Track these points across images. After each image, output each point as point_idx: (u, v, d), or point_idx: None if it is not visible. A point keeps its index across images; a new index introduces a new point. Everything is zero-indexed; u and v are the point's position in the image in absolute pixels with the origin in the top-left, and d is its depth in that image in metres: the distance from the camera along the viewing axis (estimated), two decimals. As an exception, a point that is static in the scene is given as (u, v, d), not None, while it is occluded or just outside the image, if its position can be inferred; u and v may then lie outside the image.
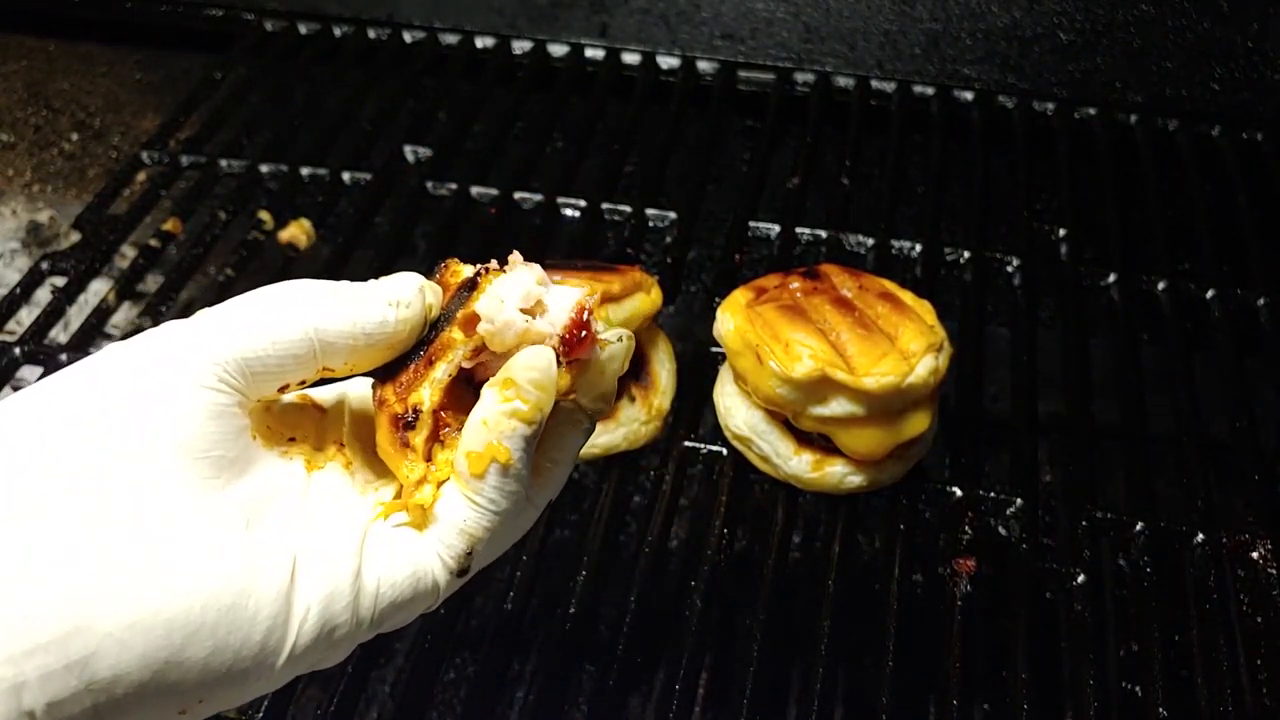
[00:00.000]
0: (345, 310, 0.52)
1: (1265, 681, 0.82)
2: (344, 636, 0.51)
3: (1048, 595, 0.89)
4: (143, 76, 1.60)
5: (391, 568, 0.52)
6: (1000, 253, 1.13)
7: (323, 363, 0.52)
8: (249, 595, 0.47)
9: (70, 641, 0.42)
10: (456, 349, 0.52)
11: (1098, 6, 1.28)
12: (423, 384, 0.52)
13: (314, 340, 0.51)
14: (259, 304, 0.52)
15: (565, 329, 0.52)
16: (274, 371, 0.51)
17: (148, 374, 0.48)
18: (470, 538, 0.53)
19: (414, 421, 0.52)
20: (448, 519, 0.53)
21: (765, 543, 0.90)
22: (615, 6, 1.38)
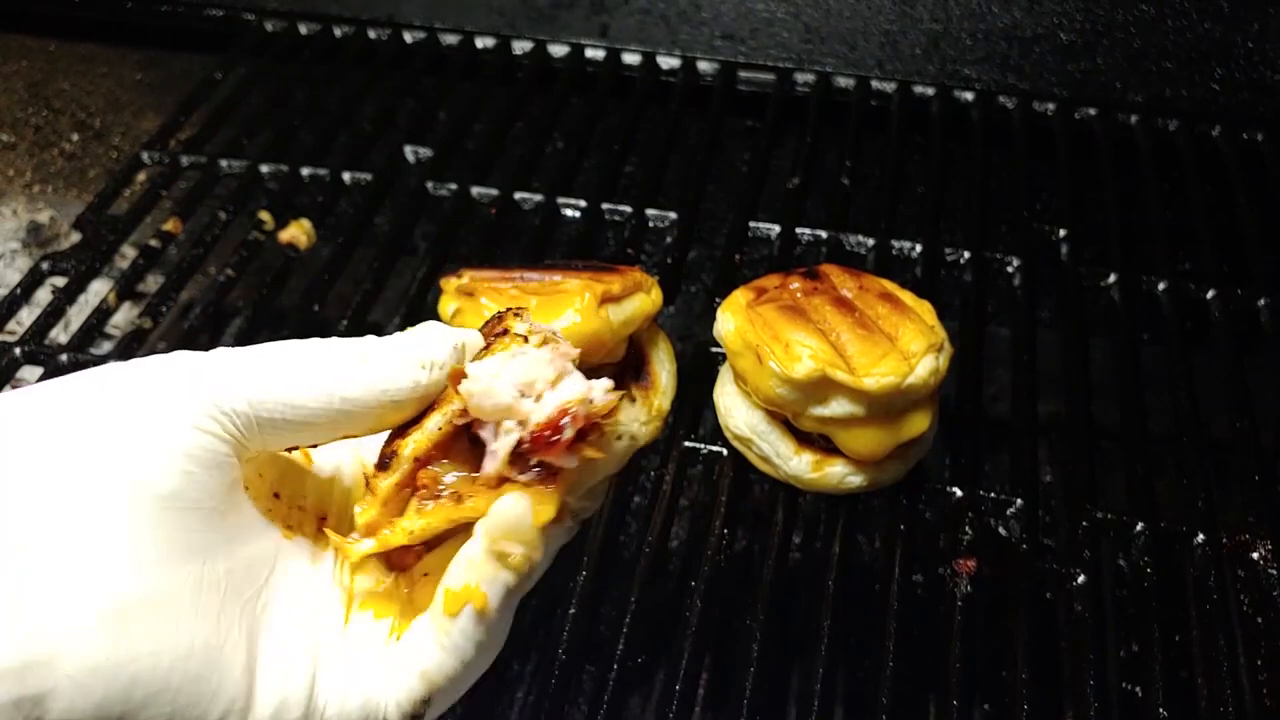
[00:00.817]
0: (373, 377, 0.49)
1: (1265, 681, 0.82)
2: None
3: (1048, 595, 0.89)
4: (143, 76, 1.60)
5: (343, 694, 0.50)
6: (1000, 253, 1.13)
7: (344, 430, 0.50)
8: (214, 669, 0.45)
9: (27, 675, 0.41)
10: (451, 403, 0.49)
11: (1098, 6, 1.28)
12: (415, 430, 0.49)
13: (336, 409, 0.48)
14: (279, 359, 0.49)
15: (536, 426, 0.48)
16: (284, 432, 0.49)
17: (143, 408, 0.46)
18: (430, 684, 0.50)
19: (387, 463, 0.49)
20: (411, 661, 0.50)
21: (765, 543, 0.90)
22: (615, 7, 1.38)
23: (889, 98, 1.33)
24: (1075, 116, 1.30)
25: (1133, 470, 0.95)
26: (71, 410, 0.46)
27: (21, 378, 1.07)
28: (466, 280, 0.92)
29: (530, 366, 0.49)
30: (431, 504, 0.49)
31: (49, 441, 0.45)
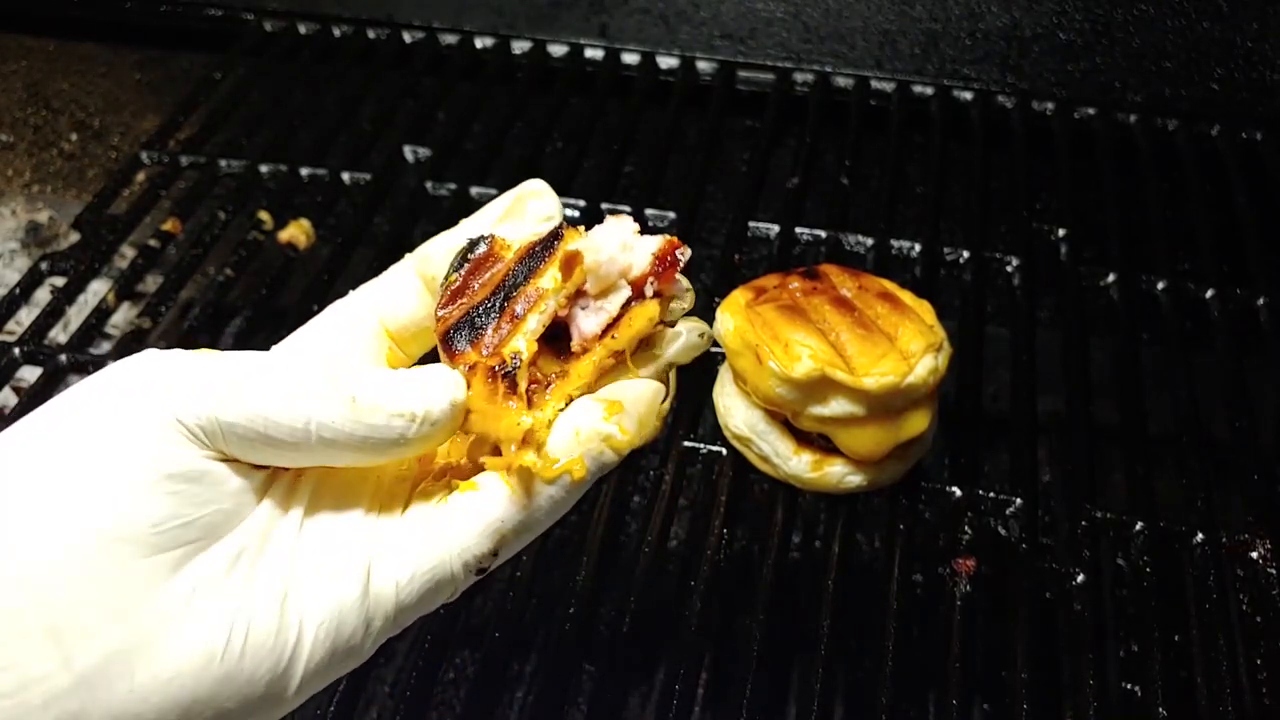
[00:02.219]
0: (356, 422, 0.47)
1: (1265, 681, 0.82)
2: (359, 645, 0.49)
3: (1048, 595, 0.89)
4: (142, 76, 1.60)
5: (409, 570, 0.49)
6: (1000, 253, 1.13)
7: (321, 461, 0.48)
8: (241, 659, 0.45)
9: None
10: (550, 296, 0.50)
11: (1098, 6, 1.28)
12: (515, 335, 0.49)
13: (313, 444, 0.46)
14: (261, 379, 0.46)
15: (659, 250, 0.51)
16: (260, 450, 0.46)
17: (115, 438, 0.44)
18: (501, 538, 0.50)
19: (515, 369, 0.48)
20: (481, 515, 0.49)
21: (765, 543, 0.90)
22: (615, 6, 1.38)
23: (888, 97, 1.33)
24: (1075, 116, 1.30)
25: (1132, 470, 0.95)
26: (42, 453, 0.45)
27: (21, 378, 1.07)
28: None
29: (615, 229, 0.51)
30: (548, 392, 0.50)
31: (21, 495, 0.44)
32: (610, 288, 0.51)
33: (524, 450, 0.48)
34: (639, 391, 0.50)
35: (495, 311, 0.50)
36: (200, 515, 0.45)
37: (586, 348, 0.51)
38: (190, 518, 0.45)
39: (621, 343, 0.51)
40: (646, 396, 0.50)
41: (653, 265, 0.51)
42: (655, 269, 0.51)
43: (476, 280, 0.52)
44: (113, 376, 0.47)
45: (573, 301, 0.51)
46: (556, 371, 0.50)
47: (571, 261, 0.50)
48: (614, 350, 0.51)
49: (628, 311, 0.52)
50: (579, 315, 0.51)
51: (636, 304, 0.52)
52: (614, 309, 0.51)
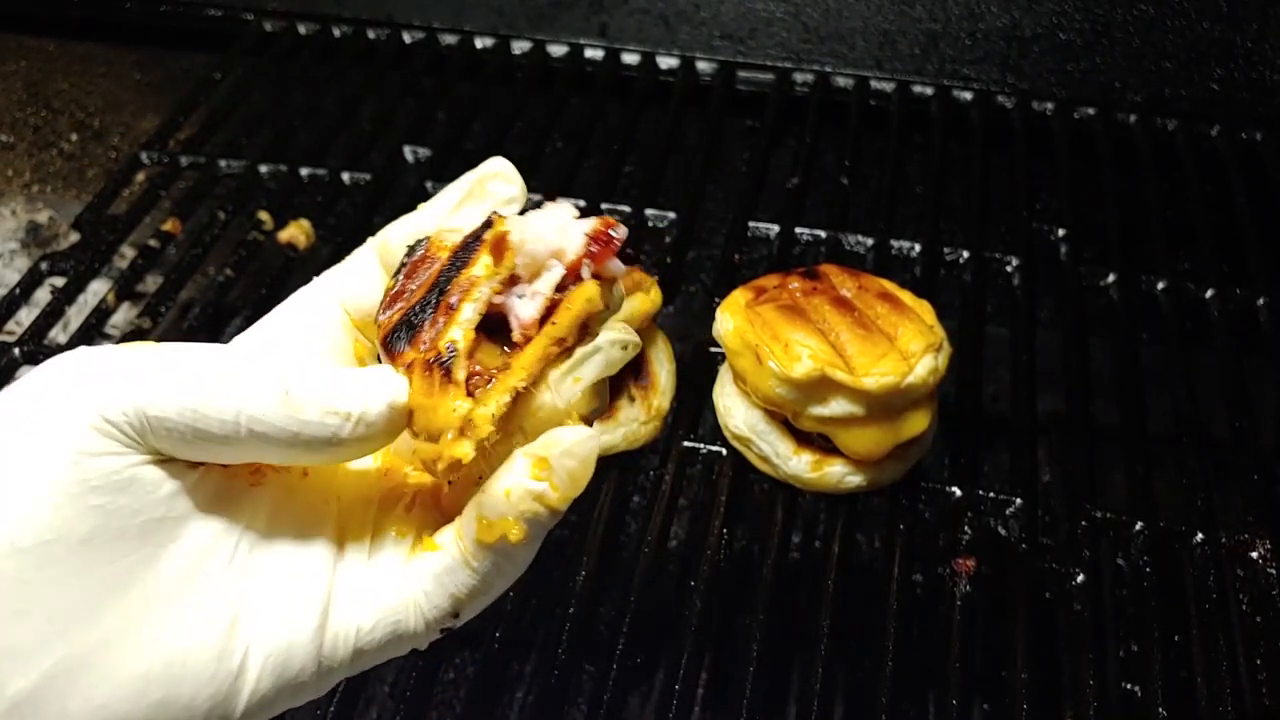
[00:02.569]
0: (287, 417, 0.44)
1: (1265, 681, 0.82)
2: (311, 682, 0.47)
3: (1048, 595, 0.89)
4: (142, 77, 1.60)
5: (369, 617, 0.47)
6: (1000, 253, 1.13)
7: (255, 457, 0.45)
8: (180, 683, 0.43)
9: None
10: (481, 284, 0.48)
11: (1097, 6, 1.28)
12: (451, 327, 0.47)
13: (243, 438, 0.44)
14: (188, 369, 0.44)
15: (593, 230, 0.49)
16: (191, 446, 0.44)
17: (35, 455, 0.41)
18: (457, 603, 0.48)
19: (451, 359, 0.46)
20: (438, 578, 0.48)
21: (765, 543, 0.90)
22: (614, 6, 1.38)
23: (888, 97, 1.33)
24: (1075, 116, 1.30)
25: (1132, 470, 0.95)
26: None
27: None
28: (466, 280, 0.92)
29: (550, 213, 0.50)
30: (490, 386, 0.47)
31: None
32: (542, 269, 0.49)
33: (459, 441, 0.46)
34: (567, 444, 0.46)
35: (431, 307, 0.48)
36: (132, 524, 0.42)
37: (528, 336, 0.48)
38: (122, 528, 0.42)
39: (562, 329, 0.48)
40: (576, 450, 0.46)
41: (586, 245, 0.49)
42: (589, 249, 0.49)
43: (414, 282, 0.50)
44: (38, 376, 0.44)
45: (509, 290, 0.49)
46: (499, 365, 0.48)
47: (500, 244, 0.48)
48: (556, 338, 0.48)
49: (565, 295, 0.49)
50: (516, 304, 0.48)
51: (574, 287, 0.49)
52: (547, 290, 0.48)
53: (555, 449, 0.46)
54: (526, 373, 0.47)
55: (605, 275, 0.50)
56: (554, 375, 0.49)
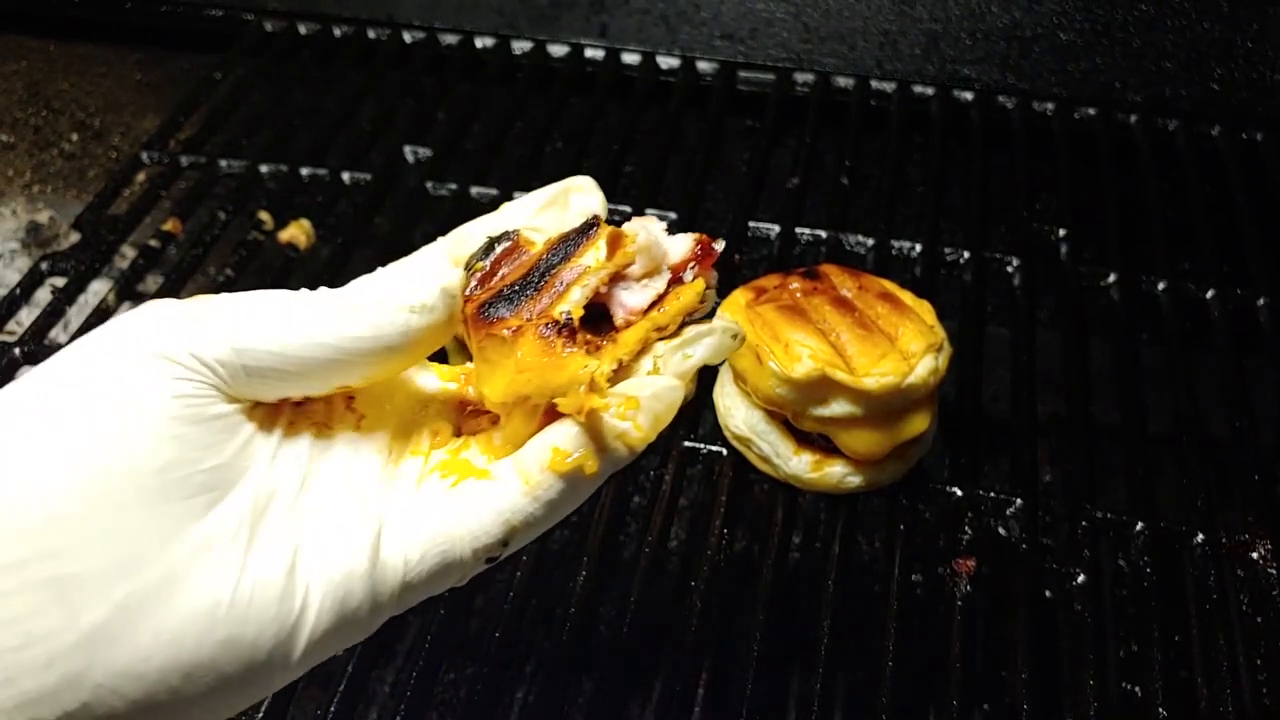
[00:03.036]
0: (361, 325, 0.47)
1: (1265, 681, 0.82)
2: (365, 620, 0.48)
3: (1048, 595, 0.89)
4: (143, 77, 1.60)
5: (419, 549, 0.49)
6: (1000, 253, 1.13)
7: (337, 380, 0.48)
8: (245, 623, 0.44)
9: (61, 695, 0.41)
10: (591, 274, 0.50)
11: (1098, 6, 1.28)
12: (561, 303, 0.49)
13: (327, 357, 0.47)
14: (264, 306, 0.47)
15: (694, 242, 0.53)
16: (273, 381, 0.47)
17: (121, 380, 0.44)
18: (511, 529, 0.49)
19: (569, 323, 0.49)
20: (490, 504, 0.49)
21: (765, 543, 0.90)
22: (615, 7, 1.38)
23: (888, 98, 1.33)
24: (1075, 116, 1.30)
25: (1133, 470, 0.95)
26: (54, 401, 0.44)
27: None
28: (466, 280, 0.92)
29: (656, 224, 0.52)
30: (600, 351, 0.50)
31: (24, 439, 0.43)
32: (655, 270, 0.52)
33: (592, 394, 0.48)
34: (657, 389, 0.49)
35: (533, 288, 0.50)
36: (207, 462, 0.45)
37: (631, 321, 0.51)
38: (197, 464, 0.44)
39: (667, 316, 0.51)
40: (665, 395, 0.49)
41: (692, 251, 0.52)
42: (695, 254, 0.52)
43: (505, 266, 0.52)
44: (131, 317, 0.47)
45: (613, 283, 0.51)
46: (606, 338, 0.50)
47: (616, 242, 0.50)
48: (660, 324, 0.51)
49: (672, 290, 0.52)
50: (621, 294, 0.51)
51: (681, 285, 0.52)
52: (660, 287, 0.52)
53: (645, 390, 0.49)
54: (628, 349, 0.50)
55: (708, 281, 0.53)
56: (663, 348, 0.51)
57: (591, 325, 0.51)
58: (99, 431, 0.43)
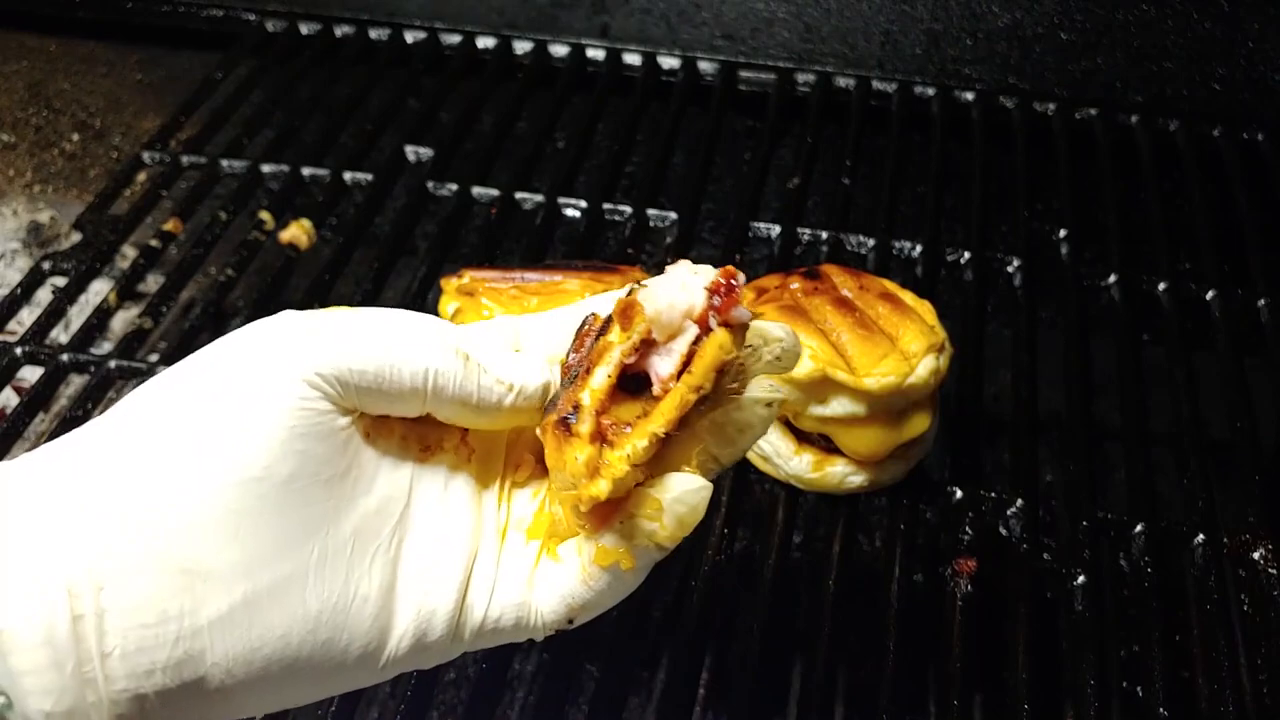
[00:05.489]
0: (469, 383, 0.52)
1: (1265, 681, 0.82)
2: (443, 649, 0.54)
3: (1048, 595, 0.89)
4: (143, 76, 1.60)
5: (498, 609, 0.54)
6: (1001, 253, 1.13)
7: (428, 411, 0.52)
8: (343, 629, 0.50)
9: (183, 667, 0.47)
10: (614, 349, 0.52)
11: (1098, 6, 1.28)
12: (581, 390, 0.51)
13: (427, 399, 0.51)
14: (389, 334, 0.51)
15: (712, 284, 0.52)
16: (377, 401, 0.51)
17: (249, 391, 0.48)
18: (572, 610, 0.54)
19: (574, 416, 0.51)
20: (557, 588, 0.54)
21: (765, 543, 0.90)
22: (616, 7, 1.38)
23: (889, 98, 1.33)
24: (1075, 116, 1.29)
25: (1133, 470, 0.95)
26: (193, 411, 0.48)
27: (23, 378, 1.07)
28: (467, 280, 0.92)
29: (673, 275, 0.52)
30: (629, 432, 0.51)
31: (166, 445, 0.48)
32: (677, 331, 0.52)
33: (594, 481, 0.50)
34: (679, 493, 0.51)
35: (572, 378, 0.52)
36: (324, 474, 0.49)
37: (666, 389, 0.52)
38: (315, 475, 0.49)
39: (698, 378, 0.51)
40: (687, 499, 0.51)
41: (708, 300, 0.52)
42: (711, 302, 0.52)
43: (576, 355, 0.54)
44: (255, 331, 0.51)
45: (648, 350, 0.52)
46: (639, 414, 0.52)
47: (628, 312, 0.52)
48: (693, 386, 0.51)
49: (699, 346, 0.52)
50: (655, 362, 0.52)
51: (706, 337, 0.52)
52: (683, 348, 0.52)
53: (668, 494, 0.51)
54: (665, 419, 0.51)
55: (734, 322, 0.52)
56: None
57: (642, 394, 0.52)
58: (235, 445, 0.47)
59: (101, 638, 0.45)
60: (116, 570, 0.46)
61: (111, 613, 0.46)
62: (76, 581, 0.45)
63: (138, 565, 0.46)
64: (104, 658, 0.46)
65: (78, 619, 0.45)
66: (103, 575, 0.46)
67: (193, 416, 0.48)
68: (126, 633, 0.46)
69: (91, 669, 0.45)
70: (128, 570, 0.46)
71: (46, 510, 0.47)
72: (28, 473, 0.48)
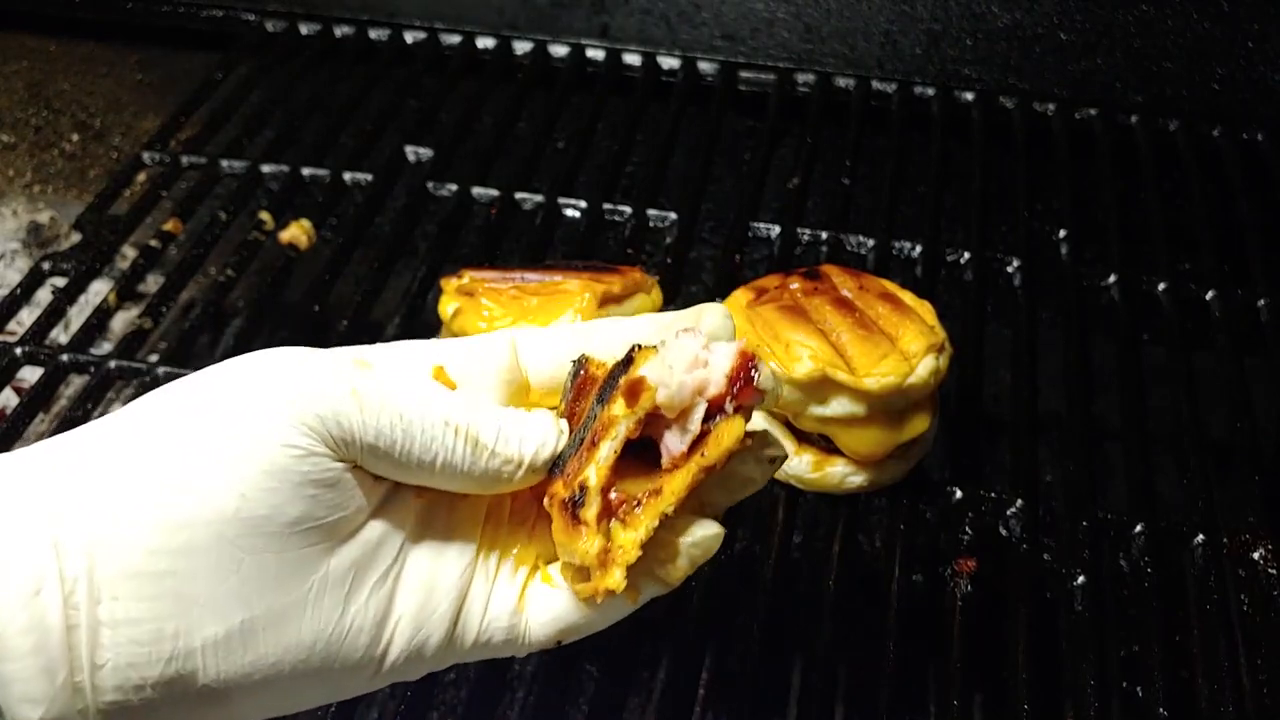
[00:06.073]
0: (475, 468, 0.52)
1: (1265, 681, 0.82)
2: (434, 664, 0.55)
3: (1048, 595, 0.89)
4: (143, 77, 1.60)
5: (489, 631, 0.55)
6: (1000, 253, 1.13)
7: (435, 483, 0.53)
8: (336, 658, 0.51)
9: (173, 685, 0.48)
10: (619, 424, 0.51)
11: (1098, 6, 1.28)
12: (588, 466, 0.51)
13: (436, 469, 0.51)
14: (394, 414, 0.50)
15: (732, 371, 0.52)
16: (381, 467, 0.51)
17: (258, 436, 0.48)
18: (562, 633, 0.56)
19: (581, 499, 0.51)
20: (549, 609, 0.55)
21: (765, 543, 0.90)
22: (616, 7, 1.38)
23: (889, 98, 1.33)
24: (1075, 116, 1.29)
25: (1133, 470, 0.95)
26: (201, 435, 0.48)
27: (22, 378, 1.07)
28: (467, 280, 0.92)
29: (684, 349, 0.52)
30: (641, 509, 0.51)
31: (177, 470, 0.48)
32: (688, 409, 0.52)
33: (608, 572, 0.51)
34: (698, 538, 0.54)
35: (577, 443, 0.52)
36: (329, 519, 0.50)
37: (677, 465, 0.52)
38: (321, 520, 0.49)
39: (711, 459, 0.52)
40: (704, 544, 0.54)
41: (727, 387, 0.52)
42: (730, 390, 0.52)
43: (578, 406, 0.54)
44: (264, 364, 0.51)
45: (656, 421, 0.52)
46: (648, 490, 0.52)
47: (635, 388, 0.51)
48: (706, 467, 0.52)
49: (714, 426, 0.52)
50: (666, 436, 0.53)
51: (723, 419, 0.52)
52: (695, 428, 0.52)
53: (687, 539, 0.53)
54: (676, 498, 0.52)
55: (749, 405, 0.53)
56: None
57: (650, 457, 0.53)
58: (247, 486, 0.48)
59: (95, 650, 0.46)
60: (115, 586, 0.46)
61: (107, 626, 0.46)
62: (73, 592, 0.45)
63: (137, 584, 0.46)
64: (95, 669, 0.46)
65: (72, 629, 0.45)
66: (101, 588, 0.46)
67: (204, 448, 0.48)
68: (120, 647, 0.46)
69: (82, 679, 0.46)
70: (127, 587, 0.46)
71: (46, 513, 0.46)
72: (28, 469, 0.48)
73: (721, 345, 0.53)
